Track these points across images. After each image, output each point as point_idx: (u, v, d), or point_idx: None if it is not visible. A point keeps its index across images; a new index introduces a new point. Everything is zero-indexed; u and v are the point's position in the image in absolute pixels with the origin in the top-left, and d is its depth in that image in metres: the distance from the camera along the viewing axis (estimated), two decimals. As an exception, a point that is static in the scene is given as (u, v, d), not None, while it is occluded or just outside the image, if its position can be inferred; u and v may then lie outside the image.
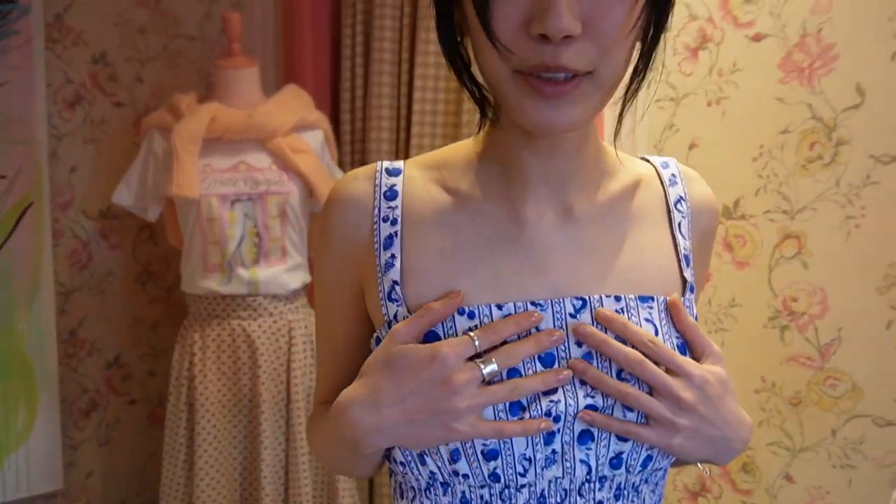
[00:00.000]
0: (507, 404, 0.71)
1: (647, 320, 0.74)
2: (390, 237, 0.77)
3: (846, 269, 1.40)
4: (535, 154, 0.76)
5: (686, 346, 0.76)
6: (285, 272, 2.05)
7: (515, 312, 0.73)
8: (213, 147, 2.03)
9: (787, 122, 1.44)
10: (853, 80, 1.36)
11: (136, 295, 2.41)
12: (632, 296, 0.75)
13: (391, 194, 0.79)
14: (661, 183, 0.82)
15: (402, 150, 2.30)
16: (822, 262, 1.42)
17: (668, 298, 0.76)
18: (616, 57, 0.65)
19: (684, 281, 0.78)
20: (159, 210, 2.11)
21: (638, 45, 0.69)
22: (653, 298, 0.75)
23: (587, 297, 0.74)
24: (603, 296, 0.74)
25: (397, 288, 0.76)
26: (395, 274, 0.76)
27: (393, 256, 0.77)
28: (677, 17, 1.57)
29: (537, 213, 0.77)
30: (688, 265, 0.79)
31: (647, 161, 0.84)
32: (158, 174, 2.06)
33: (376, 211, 0.79)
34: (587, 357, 0.73)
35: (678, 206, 0.80)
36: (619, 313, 0.74)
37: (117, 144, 2.34)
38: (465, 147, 0.82)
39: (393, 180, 0.80)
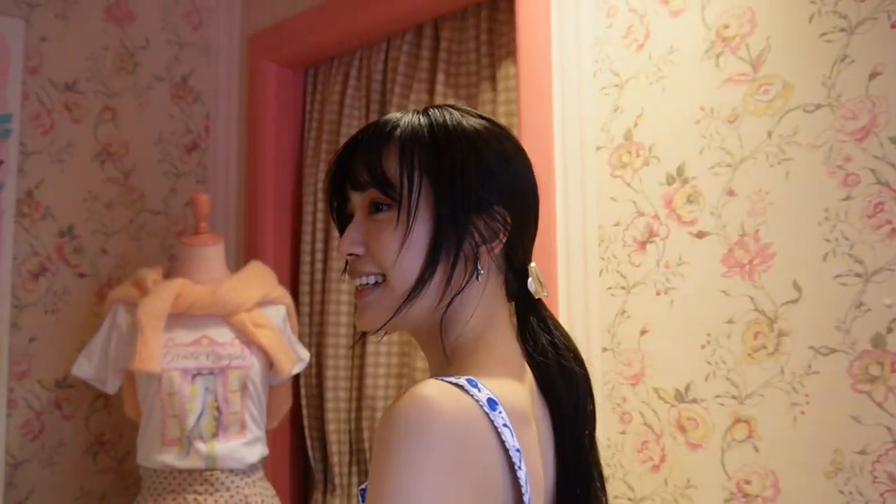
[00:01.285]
0: None
1: None
2: None
3: (795, 453, 1.47)
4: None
5: None
6: (244, 446, 2.04)
7: None
8: (177, 321, 2.06)
9: (731, 313, 1.54)
10: (790, 277, 1.47)
11: (86, 466, 2.36)
12: None
13: None
14: None
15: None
16: (772, 446, 1.49)
17: None
18: (396, 271, 0.85)
19: None
20: (119, 383, 2.11)
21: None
22: None
23: None
24: None
25: None
26: None
27: None
28: (627, 212, 1.69)
29: None
30: None
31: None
32: (121, 347, 2.08)
33: None
34: None
35: None
36: None
37: (78, 314, 2.35)
38: None
39: None
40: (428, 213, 0.86)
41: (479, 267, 0.88)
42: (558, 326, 0.97)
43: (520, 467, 0.75)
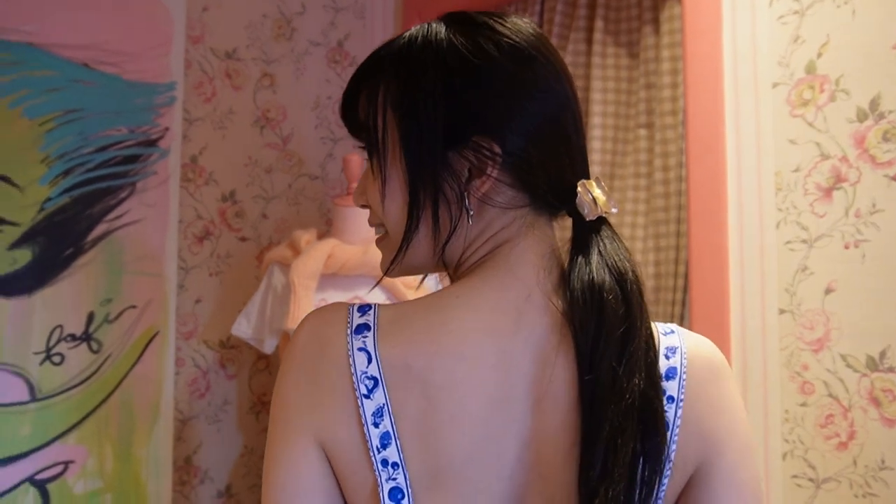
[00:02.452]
0: None
1: None
2: None
3: None
4: None
5: None
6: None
7: None
8: (330, 282, 2.06)
9: (936, 268, 1.33)
10: None
11: (250, 424, 2.42)
12: None
13: None
14: None
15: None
16: None
17: None
18: (388, 221, 0.80)
19: None
20: (275, 343, 2.13)
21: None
22: None
23: None
24: None
25: None
26: None
27: None
28: (809, 155, 1.50)
29: None
30: None
31: None
32: (276, 307, 2.10)
33: None
34: None
35: None
36: None
37: (240, 277, 2.41)
38: None
39: None
40: (398, 157, 0.78)
41: (468, 208, 0.76)
42: (608, 247, 0.77)
43: (367, 395, 0.72)
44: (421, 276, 0.93)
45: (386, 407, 0.71)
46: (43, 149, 2.10)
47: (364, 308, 0.75)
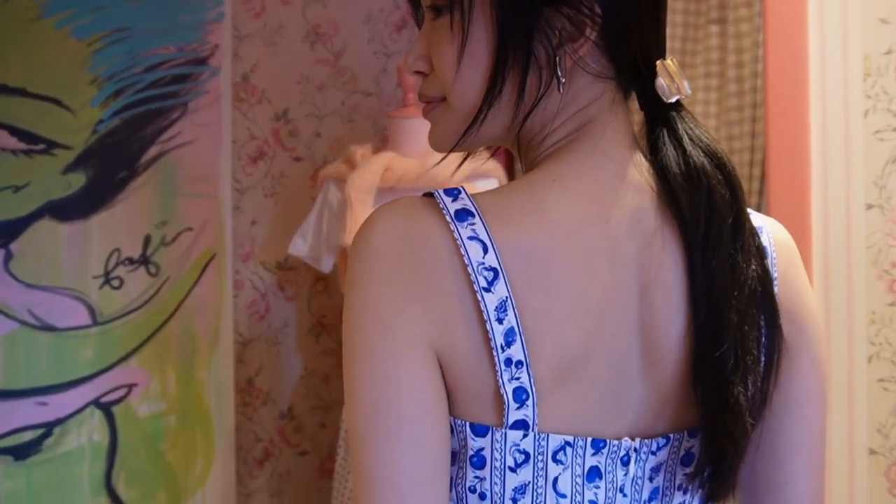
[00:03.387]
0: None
1: None
2: None
3: None
4: None
5: None
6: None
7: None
8: (387, 196, 2.01)
9: None
10: None
11: (310, 346, 2.42)
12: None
13: None
14: None
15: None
16: None
17: None
18: (458, 89, 0.71)
19: None
20: (333, 261, 2.11)
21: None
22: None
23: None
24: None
25: None
26: None
27: None
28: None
29: None
30: None
31: None
32: (332, 224, 2.07)
33: None
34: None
35: None
36: None
37: (295, 198, 2.38)
38: None
39: None
40: (487, 13, 0.70)
41: (560, 75, 0.70)
42: (695, 130, 0.74)
43: (487, 289, 0.64)
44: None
45: (509, 300, 0.64)
46: (92, 69, 2.07)
47: (452, 192, 0.67)
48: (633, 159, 0.72)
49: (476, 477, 0.66)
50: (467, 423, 0.66)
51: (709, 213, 0.69)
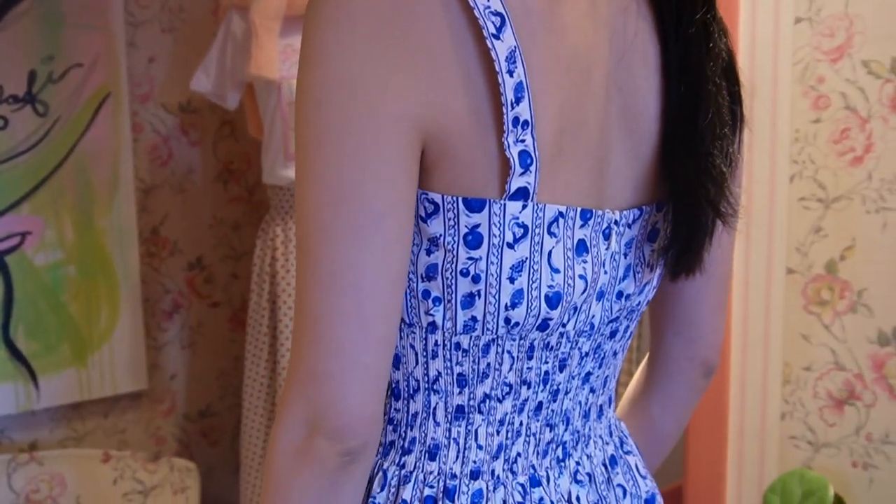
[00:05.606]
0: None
1: None
2: None
3: None
4: None
5: None
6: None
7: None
8: (295, 26, 1.87)
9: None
10: None
11: (217, 193, 2.30)
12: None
13: None
14: None
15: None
16: None
17: None
18: None
19: None
20: (238, 97, 1.98)
21: None
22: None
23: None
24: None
25: None
26: None
27: None
28: None
29: None
30: None
31: None
32: (237, 57, 1.92)
33: None
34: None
35: None
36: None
37: (196, 34, 2.20)
38: None
39: None
40: None
41: None
42: None
43: (496, 35, 0.56)
44: None
45: (517, 51, 0.56)
46: None
47: None
48: None
49: (469, 258, 0.60)
50: (459, 199, 0.58)
51: None
